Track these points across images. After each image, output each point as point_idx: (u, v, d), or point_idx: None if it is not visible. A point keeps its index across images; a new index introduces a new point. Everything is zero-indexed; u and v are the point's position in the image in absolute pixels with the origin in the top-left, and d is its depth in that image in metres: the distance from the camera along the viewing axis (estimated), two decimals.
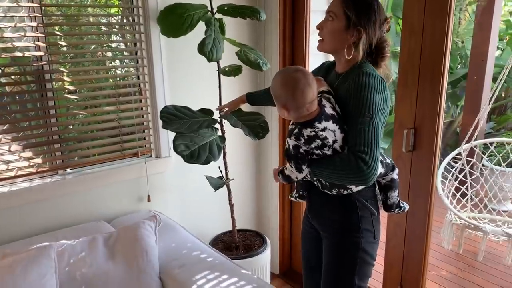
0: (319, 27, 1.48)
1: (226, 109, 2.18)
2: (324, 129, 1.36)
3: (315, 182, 1.55)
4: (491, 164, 3.31)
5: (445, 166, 3.11)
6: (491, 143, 3.32)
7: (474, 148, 3.18)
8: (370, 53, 1.46)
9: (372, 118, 1.32)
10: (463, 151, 3.04)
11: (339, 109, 1.41)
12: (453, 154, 3.12)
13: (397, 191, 1.63)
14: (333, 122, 1.37)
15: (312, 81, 1.37)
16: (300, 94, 1.35)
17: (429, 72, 1.91)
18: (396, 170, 1.60)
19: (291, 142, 1.39)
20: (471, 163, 3.12)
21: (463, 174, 3.12)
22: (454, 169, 3.11)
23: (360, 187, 1.49)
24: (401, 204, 1.66)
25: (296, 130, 1.38)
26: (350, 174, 1.32)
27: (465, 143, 3.01)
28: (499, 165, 3.35)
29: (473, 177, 3.17)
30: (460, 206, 3.16)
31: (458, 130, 4.95)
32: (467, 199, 3.14)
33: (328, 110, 1.38)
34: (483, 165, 3.33)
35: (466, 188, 3.14)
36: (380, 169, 1.52)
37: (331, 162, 1.37)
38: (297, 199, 1.73)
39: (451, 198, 3.11)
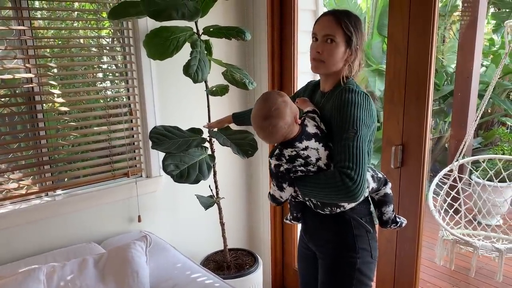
0: (320, 51, 1.46)
1: (209, 124, 2.21)
2: (305, 148, 1.37)
3: (308, 203, 1.54)
4: (484, 181, 3.34)
5: (437, 183, 3.13)
6: (483, 160, 3.37)
7: (467, 164, 3.21)
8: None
9: (357, 133, 1.33)
10: (455, 168, 3.07)
11: (325, 127, 1.43)
12: (444, 171, 3.14)
13: (392, 206, 1.61)
14: (316, 141, 1.38)
15: (281, 127, 1.34)
16: (271, 137, 1.38)
17: (414, 90, 1.95)
18: (389, 185, 1.58)
19: (272, 161, 1.41)
20: (462, 180, 3.15)
21: (455, 190, 3.14)
22: (446, 185, 3.13)
23: (353, 205, 1.48)
24: (398, 219, 1.64)
25: (277, 151, 1.40)
26: (336, 191, 1.31)
27: (455, 160, 3.05)
28: (491, 181, 3.38)
29: (465, 193, 3.20)
30: (454, 223, 3.17)
31: (446, 146, 5.01)
32: (460, 215, 3.16)
33: (311, 129, 1.39)
34: (475, 181, 3.36)
35: (459, 205, 3.16)
36: (372, 184, 1.51)
37: (316, 179, 1.38)
38: (292, 221, 1.69)
39: (444, 214, 3.12)
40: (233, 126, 2.29)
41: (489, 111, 5.12)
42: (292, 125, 1.38)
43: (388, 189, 1.58)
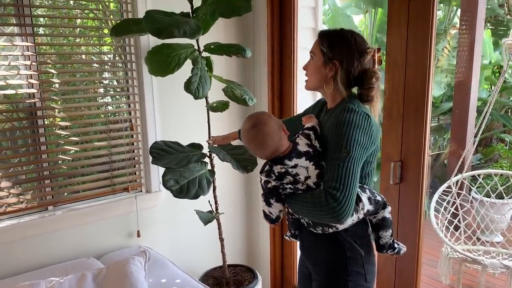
0: (305, 68, 1.53)
1: (214, 139, 2.21)
2: (295, 166, 1.37)
3: (302, 220, 1.54)
4: (481, 196, 3.34)
5: (437, 200, 3.13)
6: (478, 175, 3.37)
7: (464, 180, 3.22)
8: (355, 84, 1.46)
9: (349, 154, 1.31)
10: (453, 184, 3.07)
11: (320, 144, 1.42)
12: (443, 187, 3.14)
13: (390, 231, 1.54)
14: (306, 159, 1.37)
15: (269, 134, 1.40)
16: (260, 150, 1.41)
17: (413, 106, 1.97)
18: (388, 208, 1.52)
19: (262, 177, 1.43)
20: (461, 196, 3.14)
21: (454, 207, 3.13)
22: (445, 202, 3.13)
23: (346, 225, 1.44)
24: (396, 245, 1.57)
25: (267, 167, 1.41)
26: (321, 211, 1.31)
27: (454, 176, 3.05)
28: (489, 196, 3.38)
29: (464, 209, 3.19)
30: (454, 239, 3.16)
31: (446, 162, 5.02)
32: (460, 231, 3.15)
33: (302, 147, 1.40)
34: (473, 197, 3.36)
35: (459, 221, 3.15)
36: (368, 207, 1.45)
37: (303, 197, 1.38)
38: (291, 238, 1.68)
39: (445, 231, 3.11)
40: (233, 141, 2.30)
41: (488, 127, 5.14)
42: (280, 133, 1.41)
43: (386, 213, 1.52)
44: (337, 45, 1.43)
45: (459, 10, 4.68)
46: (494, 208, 3.45)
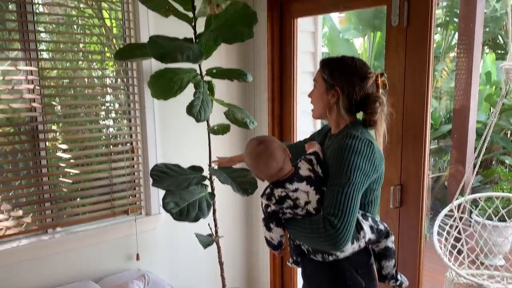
0: (309, 96, 1.55)
1: (217, 159, 2.21)
2: (295, 190, 1.38)
3: (302, 247, 1.52)
4: (483, 219, 3.33)
5: (439, 224, 3.10)
6: (480, 198, 3.35)
7: (465, 203, 3.21)
8: (359, 109, 1.47)
9: (350, 180, 1.31)
10: (455, 208, 3.06)
11: (322, 170, 1.41)
12: (445, 211, 3.13)
13: (393, 261, 1.51)
14: (307, 184, 1.37)
15: (275, 151, 1.42)
16: (264, 167, 1.42)
17: (411, 130, 1.99)
18: (391, 238, 1.50)
19: (263, 201, 1.43)
20: (463, 220, 3.13)
21: (456, 230, 3.11)
22: (448, 226, 3.11)
23: (347, 254, 1.42)
24: (398, 277, 1.54)
25: (268, 190, 1.42)
26: (318, 237, 1.30)
27: (455, 199, 3.04)
28: (491, 219, 3.36)
29: (466, 233, 3.17)
30: (458, 264, 3.13)
31: (446, 184, 5.01)
32: (464, 256, 3.12)
33: (304, 172, 1.40)
34: (474, 220, 3.34)
35: (462, 245, 3.12)
36: (370, 235, 1.43)
37: (302, 223, 1.37)
38: (293, 264, 1.65)
39: (449, 256, 3.08)
40: (238, 165, 2.31)
41: (488, 149, 5.15)
42: (284, 154, 1.43)
43: (389, 243, 1.50)
44: (338, 71, 1.45)
45: (456, 33, 4.75)
46: (496, 231, 3.43)
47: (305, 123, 2.76)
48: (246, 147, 1.50)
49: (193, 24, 2.06)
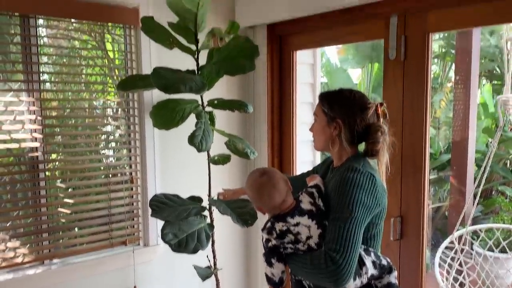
0: (311, 129, 1.56)
1: (223, 191, 2.20)
2: (297, 224, 1.36)
3: (303, 282, 1.49)
4: (484, 251, 3.29)
5: (440, 256, 3.07)
6: (480, 229, 3.33)
7: (466, 235, 3.18)
8: (361, 140, 1.47)
9: (352, 214, 1.30)
10: (455, 239, 3.03)
11: (323, 204, 1.40)
12: (445, 243, 3.09)
13: None
14: (309, 218, 1.36)
15: (278, 182, 1.41)
16: (267, 198, 1.40)
17: (410, 162, 2.00)
18: (394, 273, 1.47)
19: (264, 235, 1.41)
20: (464, 252, 3.09)
21: (458, 262, 3.07)
22: (449, 258, 3.07)
23: None
24: None
25: (269, 224, 1.40)
26: (320, 273, 1.28)
27: (456, 231, 3.02)
28: (492, 250, 3.33)
29: (468, 265, 3.13)
30: None
31: (446, 214, 4.98)
32: None
33: (305, 205, 1.39)
34: (476, 251, 3.30)
35: (463, 277, 3.07)
36: (372, 271, 1.41)
37: (303, 258, 1.35)
38: None
39: None
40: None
41: (487, 179, 5.14)
42: (287, 186, 1.42)
43: (392, 278, 1.46)
44: (337, 104, 1.47)
45: (454, 64, 4.83)
46: (498, 263, 3.39)
47: (305, 153, 2.77)
48: (248, 178, 1.49)
49: (196, 56, 2.10)
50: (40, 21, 2.15)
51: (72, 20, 2.25)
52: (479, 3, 1.74)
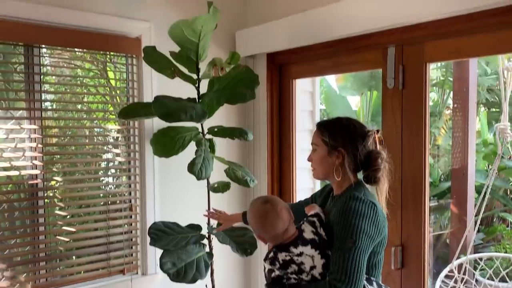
0: (309, 159, 1.56)
1: (212, 211, 2.18)
2: (300, 254, 1.36)
3: None
4: (485, 279, 3.25)
5: (440, 285, 3.02)
6: (480, 258, 3.30)
7: (466, 264, 3.14)
8: (361, 168, 1.48)
9: (355, 244, 1.30)
10: (455, 268, 3.00)
11: (325, 233, 1.40)
12: (445, 271, 3.06)
13: None
14: (312, 247, 1.36)
15: (281, 210, 1.41)
16: (270, 227, 1.40)
17: (410, 189, 1.99)
18: None
19: (266, 266, 1.40)
20: (464, 280, 3.05)
21: None
22: (449, 287, 3.02)
23: None
24: None
25: (272, 254, 1.39)
26: None
27: (455, 259, 2.99)
28: (492, 279, 3.29)
29: None
30: None
31: (448, 242, 4.94)
32: None
33: (308, 234, 1.39)
34: (476, 280, 3.26)
35: None
36: None
37: None
38: None
39: None
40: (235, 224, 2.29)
41: (488, 206, 5.12)
42: (289, 227, 1.40)
43: None
44: (338, 133, 1.48)
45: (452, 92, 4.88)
46: None
47: (305, 180, 2.77)
48: (251, 206, 1.49)
49: (197, 85, 2.12)
50: (44, 50, 2.18)
51: (76, 49, 2.29)
52: (475, 34, 1.77)
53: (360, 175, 1.52)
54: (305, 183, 2.78)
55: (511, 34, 1.67)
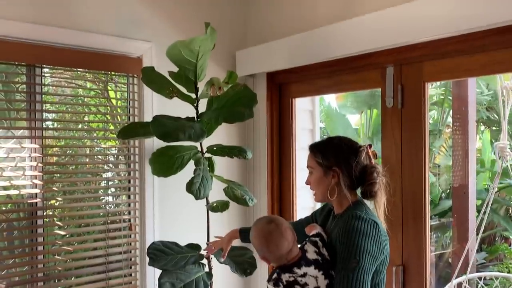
0: (307, 183, 1.58)
1: (210, 245, 2.16)
2: (304, 275, 1.35)
3: None
4: None
5: None
6: (479, 277, 3.26)
7: (465, 283, 3.11)
8: (358, 184, 1.49)
9: (359, 264, 1.30)
10: (454, 287, 2.96)
11: (328, 253, 1.40)
12: None
13: None
14: (316, 268, 1.35)
15: (286, 230, 1.41)
16: (275, 247, 1.39)
17: (411, 209, 1.99)
18: None
19: (270, 287, 1.39)
20: None
21: None
22: None
23: None
24: None
25: (275, 275, 1.38)
26: None
27: (454, 278, 2.96)
28: None
29: None
30: None
31: (450, 261, 4.89)
32: None
33: (311, 255, 1.38)
34: None
35: None
36: None
37: None
38: None
39: None
40: (232, 242, 2.27)
41: (490, 225, 5.08)
42: (293, 247, 1.40)
43: None
44: (330, 152, 1.50)
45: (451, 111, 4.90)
46: None
47: (305, 199, 2.76)
48: (254, 226, 1.48)
49: (195, 104, 2.14)
50: (46, 70, 2.20)
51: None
52: (473, 54, 1.79)
53: (359, 192, 1.52)
54: (305, 202, 2.77)
55: (509, 54, 1.69)
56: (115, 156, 2.47)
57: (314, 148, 1.55)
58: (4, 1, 1.98)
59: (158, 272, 2.14)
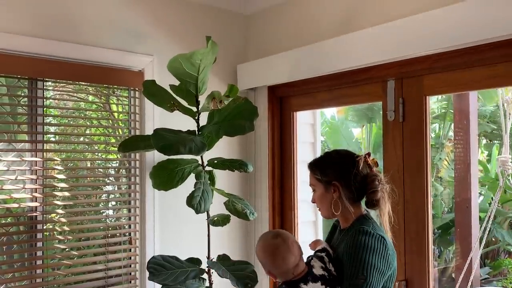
0: (313, 201, 1.57)
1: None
2: None
3: None
4: None
5: None
6: None
7: None
8: (361, 194, 1.47)
9: (366, 280, 1.29)
10: None
11: (335, 268, 1.39)
12: None
13: None
14: (323, 284, 1.34)
15: (292, 244, 1.40)
16: (281, 261, 1.37)
17: (413, 223, 1.97)
18: None
19: None
20: None
21: None
22: None
23: None
24: None
25: None
26: None
27: None
28: None
29: None
30: None
31: (453, 276, 4.84)
32: None
33: (317, 270, 1.37)
34: None
35: None
36: None
37: None
38: None
39: None
40: (233, 256, 2.25)
41: (494, 240, 5.05)
42: (300, 262, 1.39)
43: None
44: (328, 167, 1.50)
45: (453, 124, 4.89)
46: None
47: (307, 213, 2.74)
48: (260, 240, 1.47)
49: (196, 117, 2.14)
50: (48, 83, 2.21)
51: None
52: (474, 68, 1.79)
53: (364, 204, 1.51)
54: (307, 216, 2.75)
55: (510, 67, 1.69)
56: (116, 169, 2.46)
57: (313, 166, 1.56)
58: (6, 15, 2.00)
59: (158, 287, 2.11)
